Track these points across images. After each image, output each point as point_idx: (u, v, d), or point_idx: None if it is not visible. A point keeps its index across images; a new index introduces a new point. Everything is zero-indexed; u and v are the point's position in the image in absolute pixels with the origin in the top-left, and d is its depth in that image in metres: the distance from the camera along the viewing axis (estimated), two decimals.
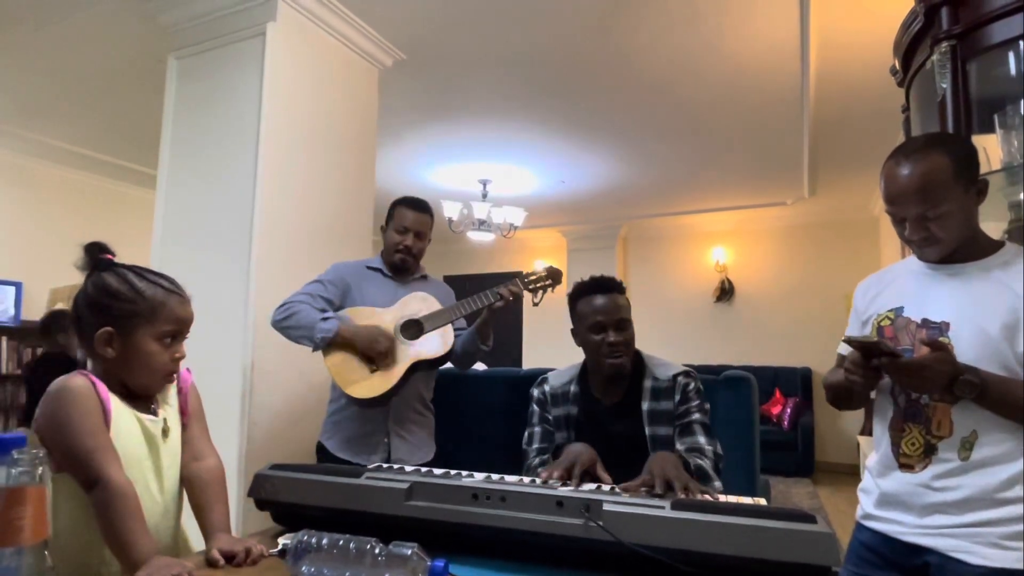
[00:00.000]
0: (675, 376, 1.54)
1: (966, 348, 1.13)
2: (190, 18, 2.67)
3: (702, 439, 1.48)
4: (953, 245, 1.18)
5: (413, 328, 1.95)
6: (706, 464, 1.41)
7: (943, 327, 1.17)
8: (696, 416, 1.51)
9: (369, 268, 2.10)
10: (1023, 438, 1.09)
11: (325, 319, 1.88)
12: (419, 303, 2.00)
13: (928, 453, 1.16)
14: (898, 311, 1.25)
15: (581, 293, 1.61)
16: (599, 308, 1.55)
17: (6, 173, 4.54)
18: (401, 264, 2.06)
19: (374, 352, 1.88)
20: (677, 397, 1.53)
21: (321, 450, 2.01)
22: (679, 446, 1.48)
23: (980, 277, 1.17)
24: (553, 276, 2.05)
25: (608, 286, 1.58)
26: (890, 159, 1.21)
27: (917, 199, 1.15)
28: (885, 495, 1.23)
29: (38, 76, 3.53)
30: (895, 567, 1.21)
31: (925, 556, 1.16)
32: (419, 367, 1.97)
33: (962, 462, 1.12)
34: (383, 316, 1.96)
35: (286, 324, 1.92)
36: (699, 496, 1.16)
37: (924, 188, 1.14)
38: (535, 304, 2.06)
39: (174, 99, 2.71)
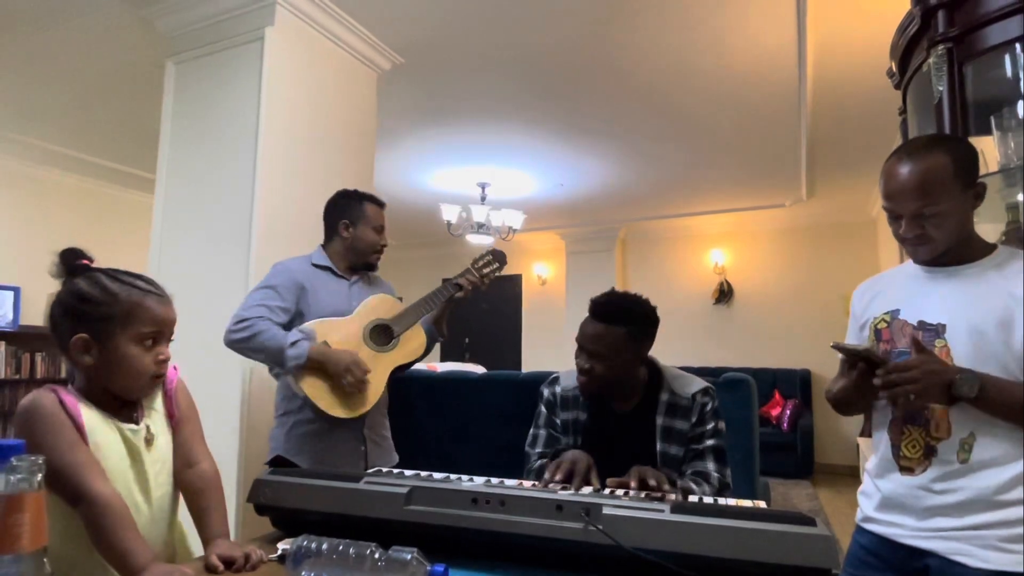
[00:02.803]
0: (694, 395, 1.49)
1: (963, 349, 1.13)
2: (188, 23, 2.67)
3: (711, 465, 1.44)
4: (945, 246, 1.18)
5: (384, 334, 1.87)
6: (703, 490, 1.37)
7: (939, 329, 1.17)
8: (710, 442, 1.46)
9: (316, 266, 1.96)
10: (1022, 439, 1.08)
11: (293, 343, 1.73)
12: (382, 304, 1.91)
13: (928, 455, 1.16)
14: (894, 313, 1.25)
15: (589, 309, 1.54)
16: (581, 328, 1.50)
17: (5, 178, 4.54)
18: (375, 263, 2.01)
19: (345, 384, 1.74)
20: (694, 418, 1.47)
21: (284, 466, 1.76)
22: (687, 469, 1.45)
23: (975, 278, 1.17)
24: (499, 258, 2.04)
25: (599, 313, 1.49)
26: (892, 156, 1.22)
27: (915, 196, 1.15)
28: (885, 498, 1.22)
29: (36, 81, 3.53)
30: (895, 570, 1.21)
31: (925, 559, 1.15)
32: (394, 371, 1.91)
33: (961, 464, 1.12)
34: (348, 326, 1.84)
35: (248, 345, 1.77)
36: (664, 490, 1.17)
37: (923, 185, 1.14)
38: (483, 289, 2.02)
39: (172, 104, 2.71)
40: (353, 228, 1.97)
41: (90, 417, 1.00)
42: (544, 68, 3.31)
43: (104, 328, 1.01)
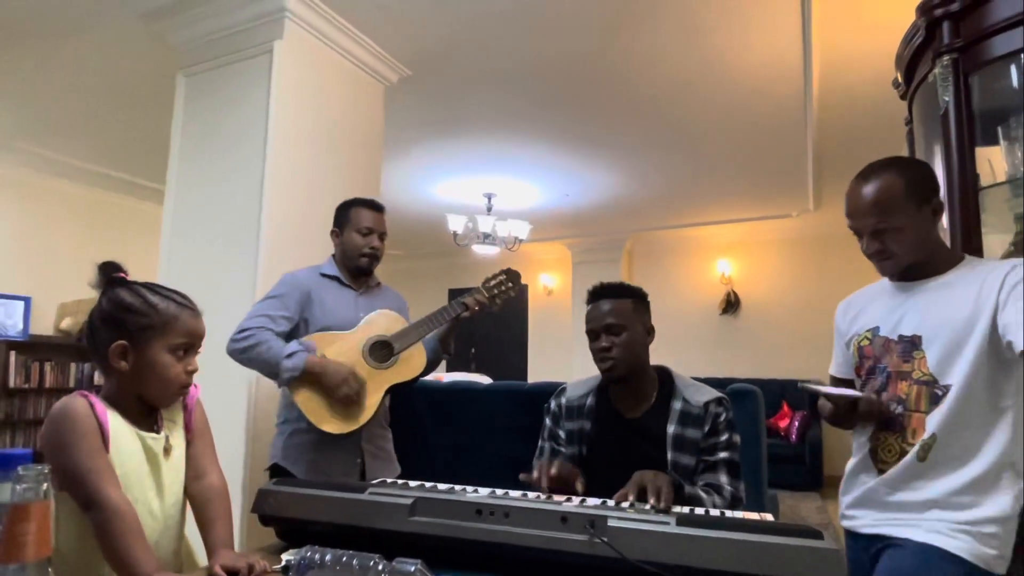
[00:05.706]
0: (707, 403, 1.46)
1: (936, 357, 1.23)
2: (198, 37, 2.71)
3: (724, 478, 1.42)
4: (908, 260, 1.28)
5: (383, 350, 1.86)
6: (713, 500, 1.35)
7: (915, 340, 1.27)
8: (723, 455, 1.44)
9: (324, 276, 1.98)
10: (973, 445, 1.18)
11: (290, 355, 1.74)
12: (384, 320, 1.90)
13: (902, 458, 1.25)
14: (874, 331, 1.35)
15: (586, 303, 1.57)
16: (589, 317, 1.53)
17: (15, 188, 4.59)
18: (368, 267, 1.98)
19: (339, 396, 1.74)
20: (707, 427, 1.45)
21: (281, 475, 1.82)
22: (699, 481, 1.43)
23: (943, 289, 1.26)
24: (512, 278, 2.01)
25: (600, 292, 1.55)
26: (852, 180, 1.33)
27: (869, 212, 1.26)
28: (855, 497, 1.33)
29: (48, 93, 3.58)
30: (857, 556, 1.33)
31: (879, 543, 1.27)
32: (391, 389, 1.89)
33: (920, 462, 1.22)
34: (349, 340, 1.85)
35: (246, 356, 1.78)
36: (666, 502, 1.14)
37: (876, 203, 1.25)
38: (496, 310, 2.01)
39: (182, 116, 2.75)
40: (341, 235, 2.00)
41: (115, 423, 1.05)
42: (550, 80, 3.32)
43: (141, 336, 1.07)
